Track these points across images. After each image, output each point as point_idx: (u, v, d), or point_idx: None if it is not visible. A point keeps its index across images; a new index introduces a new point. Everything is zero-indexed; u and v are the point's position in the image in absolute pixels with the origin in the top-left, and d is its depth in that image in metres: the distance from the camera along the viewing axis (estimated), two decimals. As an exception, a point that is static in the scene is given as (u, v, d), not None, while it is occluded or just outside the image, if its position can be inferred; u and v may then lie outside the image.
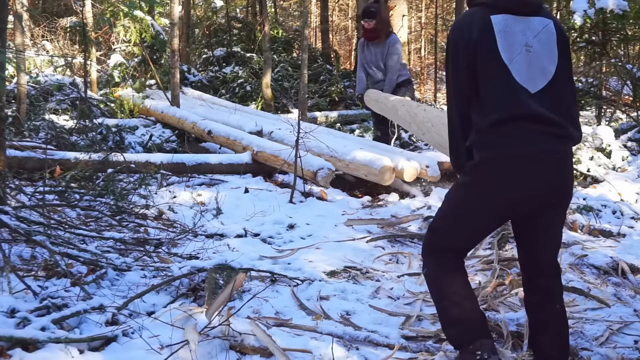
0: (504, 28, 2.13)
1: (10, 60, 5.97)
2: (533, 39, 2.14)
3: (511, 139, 2.09)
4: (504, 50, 2.11)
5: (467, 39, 2.14)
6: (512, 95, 2.09)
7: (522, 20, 2.15)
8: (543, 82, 2.12)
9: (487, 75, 2.12)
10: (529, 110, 2.08)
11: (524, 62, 2.12)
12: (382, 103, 6.11)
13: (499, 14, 2.14)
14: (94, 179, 4.73)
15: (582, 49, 8.20)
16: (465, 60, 2.14)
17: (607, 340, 2.70)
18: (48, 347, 2.32)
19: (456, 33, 2.19)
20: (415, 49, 17.33)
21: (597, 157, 5.69)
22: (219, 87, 10.26)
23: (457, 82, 2.18)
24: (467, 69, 2.14)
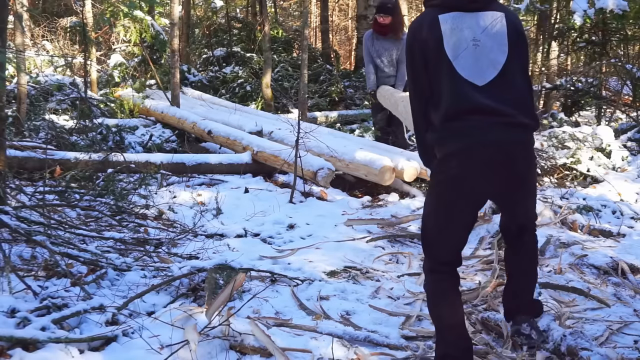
0: (451, 26, 2.21)
1: (10, 60, 5.97)
2: (481, 33, 2.21)
3: (460, 133, 2.19)
4: (449, 47, 2.20)
5: (419, 39, 2.25)
6: (458, 91, 2.18)
7: (471, 16, 2.23)
8: (492, 74, 2.20)
9: (435, 73, 2.22)
10: (474, 104, 2.17)
11: (471, 56, 2.20)
12: (387, 99, 6.12)
13: (446, 13, 2.23)
14: (94, 179, 4.73)
15: (582, 49, 8.20)
16: (420, 60, 2.25)
17: (607, 340, 2.70)
18: (48, 347, 2.32)
19: (410, 34, 2.30)
20: (415, 49, 17.34)
21: (597, 157, 5.69)
22: (219, 87, 10.26)
23: (416, 82, 2.30)
24: (423, 68, 2.24)
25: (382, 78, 6.45)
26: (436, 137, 2.25)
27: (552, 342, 2.57)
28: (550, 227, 4.17)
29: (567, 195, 4.95)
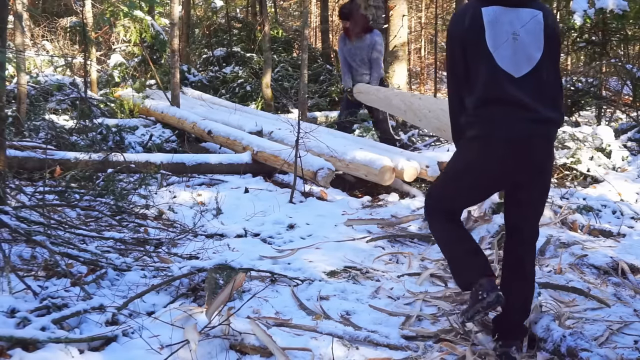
0: (493, 19, 2.35)
1: (10, 60, 5.97)
2: (521, 28, 2.35)
3: (488, 120, 2.36)
4: (490, 38, 2.34)
5: (460, 29, 2.40)
6: (494, 80, 2.34)
7: (512, 11, 2.36)
8: (527, 68, 2.34)
9: (474, 61, 2.38)
10: (507, 94, 2.32)
11: (510, 49, 2.34)
12: (373, 95, 6.28)
13: (489, 6, 2.37)
14: (94, 179, 4.73)
15: (582, 49, 8.20)
16: (459, 48, 2.40)
17: (607, 340, 2.70)
18: (48, 347, 2.32)
19: (452, 23, 2.47)
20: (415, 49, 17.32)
21: (597, 157, 5.69)
22: (219, 87, 10.26)
23: (454, 68, 2.46)
24: (462, 56, 2.40)
25: (356, 77, 6.84)
26: (466, 121, 2.42)
27: (551, 342, 2.58)
28: (550, 227, 4.17)
29: (567, 195, 4.95)
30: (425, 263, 3.82)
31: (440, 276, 3.57)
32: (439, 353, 2.59)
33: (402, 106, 5.60)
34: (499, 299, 2.35)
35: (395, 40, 7.72)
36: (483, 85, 2.35)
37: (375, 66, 6.73)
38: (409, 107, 5.45)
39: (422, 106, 5.21)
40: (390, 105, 5.93)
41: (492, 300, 2.35)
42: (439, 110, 4.71)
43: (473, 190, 2.52)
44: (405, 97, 5.78)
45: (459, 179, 2.50)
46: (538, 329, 2.66)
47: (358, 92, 6.63)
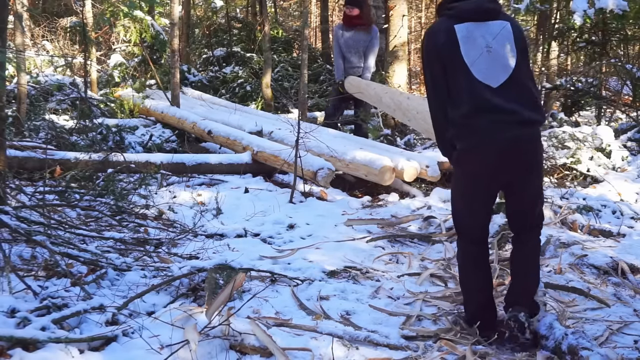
0: (466, 35, 2.52)
1: (10, 60, 5.96)
2: (492, 40, 2.52)
3: (477, 130, 2.50)
4: (466, 54, 2.51)
5: (436, 45, 2.56)
6: (475, 92, 2.49)
7: (482, 25, 2.54)
8: (504, 77, 2.50)
9: (453, 76, 2.53)
10: (489, 104, 2.48)
11: (485, 62, 2.50)
12: (364, 90, 6.30)
13: (461, 23, 2.53)
14: (94, 179, 4.73)
15: (582, 49, 8.20)
16: (438, 64, 2.56)
17: (607, 340, 2.70)
18: (48, 347, 2.32)
19: (428, 41, 2.61)
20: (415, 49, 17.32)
21: (597, 157, 5.69)
22: (219, 87, 10.25)
23: (434, 83, 2.60)
24: (439, 74, 2.56)
25: (349, 69, 6.81)
26: (455, 134, 2.56)
27: (553, 340, 2.58)
28: (550, 227, 4.17)
29: (567, 195, 4.95)
30: (425, 263, 3.82)
31: (440, 276, 3.57)
32: (439, 353, 2.59)
33: (391, 104, 5.62)
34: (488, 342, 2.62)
35: (395, 40, 7.72)
36: (465, 98, 2.50)
37: (371, 60, 6.80)
38: (397, 106, 5.46)
39: (410, 106, 5.22)
40: (381, 102, 5.97)
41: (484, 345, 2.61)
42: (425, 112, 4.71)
43: (479, 199, 2.66)
44: (394, 96, 5.80)
45: (465, 192, 2.68)
46: (541, 326, 2.67)
47: (350, 85, 6.68)
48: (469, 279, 2.74)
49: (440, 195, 5.04)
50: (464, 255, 2.75)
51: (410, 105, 5.22)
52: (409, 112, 5.09)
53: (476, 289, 2.73)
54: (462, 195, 2.69)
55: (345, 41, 6.72)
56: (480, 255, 2.73)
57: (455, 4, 2.58)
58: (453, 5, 2.58)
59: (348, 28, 6.70)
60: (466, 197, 2.67)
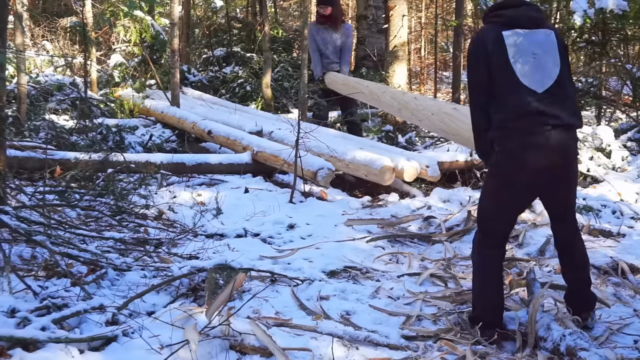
0: (514, 41, 2.62)
1: (10, 60, 5.96)
2: (538, 48, 2.62)
3: (519, 133, 2.59)
4: (513, 59, 2.61)
5: (484, 51, 2.65)
6: (520, 97, 2.59)
7: (529, 33, 2.64)
8: (548, 83, 2.61)
9: (500, 81, 2.62)
10: (533, 108, 2.57)
11: (530, 68, 2.60)
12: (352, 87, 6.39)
13: (508, 30, 2.64)
14: (94, 179, 4.73)
15: (582, 49, 8.18)
16: (483, 69, 2.65)
17: (607, 340, 2.70)
18: (48, 347, 2.32)
19: (475, 46, 2.70)
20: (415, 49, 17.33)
21: (597, 157, 5.69)
22: (219, 87, 10.24)
23: (479, 87, 2.69)
24: (485, 77, 2.64)
25: (326, 64, 7.17)
26: (497, 135, 2.65)
27: (551, 341, 2.58)
28: (550, 227, 4.16)
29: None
30: (425, 263, 3.82)
31: (440, 276, 3.57)
32: (439, 353, 2.59)
33: (394, 104, 5.61)
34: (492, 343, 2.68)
35: (395, 40, 7.73)
36: (510, 102, 2.60)
37: (347, 56, 7.14)
38: (404, 106, 5.45)
39: (421, 107, 5.21)
40: (379, 101, 5.97)
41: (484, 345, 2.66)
42: (443, 114, 4.71)
43: (512, 201, 2.73)
44: (396, 95, 5.80)
45: (498, 193, 2.73)
46: (539, 328, 2.67)
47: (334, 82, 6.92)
48: (483, 278, 2.79)
49: (440, 195, 5.04)
50: (481, 253, 2.80)
51: (420, 105, 5.21)
52: (420, 112, 5.08)
53: (488, 289, 2.78)
54: (495, 195, 2.74)
55: (321, 38, 7.07)
56: (497, 256, 2.79)
57: (503, 11, 2.69)
58: (500, 12, 2.70)
59: (322, 26, 7.08)
60: (499, 198, 2.73)
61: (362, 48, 10.31)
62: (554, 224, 2.85)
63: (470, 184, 5.57)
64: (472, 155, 5.83)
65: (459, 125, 4.37)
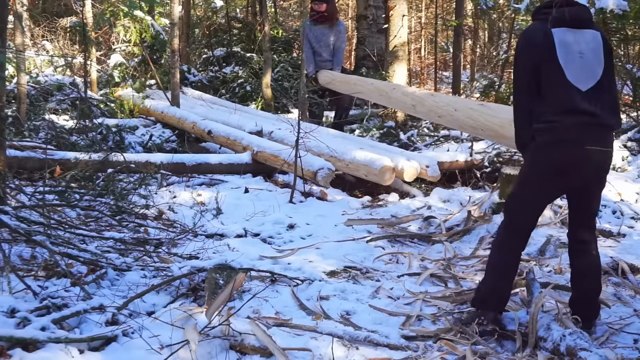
0: (562, 39, 2.69)
1: (10, 60, 5.96)
2: (585, 47, 2.70)
3: (561, 127, 2.65)
4: (561, 57, 2.67)
5: (532, 47, 2.72)
6: (566, 93, 2.66)
7: (576, 32, 2.71)
8: (592, 82, 2.68)
9: (547, 76, 2.68)
10: (578, 106, 2.65)
11: (576, 66, 2.67)
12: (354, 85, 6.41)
13: (558, 28, 2.70)
14: (94, 179, 4.73)
15: (582, 49, 8.15)
16: (531, 64, 2.71)
17: (607, 340, 2.70)
18: (48, 347, 2.32)
19: (525, 42, 2.77)
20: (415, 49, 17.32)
21: (597, 157, 5.67)
22: (219, 87, 10.23)
23: (525, 82, 2.74)
24: (532, 71, 2.70)
25: (319, 62, 7.28)
26: (539, 128, 2.70)
27: (551, 342, 2.58)
28: (550, 227, 4.17)
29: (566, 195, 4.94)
30: (425, 263, 3.82)
31: (440, 276, 3.57)
32: (439, 353, 2.59)
33: (407, 101, 5.60)
34: (492, 332, 2.74)
35: (395, 40, 7.71)
36: (555, 97, 2.67)
37: (339, 54, 7.23)
38: (419, 102, 5.43)
39: (441, 103, 5.18)
40: (389, 98, 5.96)
41: (487, 330, 2.75)
42: (469, 110, 4.69)
43: (543, 192, 2.80)
44: (409, 92, 5.80)
45: (531, 183, 2.79)
46: (539, 327, 2.67)
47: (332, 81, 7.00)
48: (497, 266, 2.85)
49: (440, 195, 5.04)
50: (504, 239, 2.86)
51: (442, 102, 5.22)
52: (440, 109, 5.07)
53: (500, 277, 2.84)
54: (528, 186, 2.81)
55: (315, 36, 7.14)
56: (517, 247, 2.85)
57: (552, 10, 2.76)
58: (550, 10, 2.76)
59: (316, 23, 7.15)
60: (531, 188, 2.80)
61: (362, 48, 10.30)
62: (573, 227, 2.88)
63: (470, 184, 5.57)
64: (472, 155, 5.84)
65: (489, 120, 4.32)
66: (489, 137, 4.54)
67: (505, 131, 3.93)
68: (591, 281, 2.84)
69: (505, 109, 4.44)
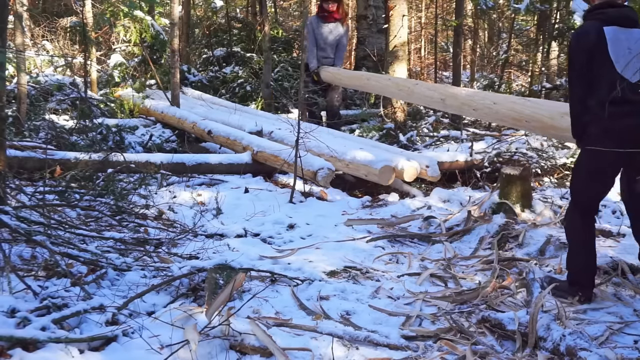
0: (613, 36, 2.98)
1: (11, 60, 5.96)
2: (633, 44, 2.97)
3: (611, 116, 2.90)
4: (612, 52, 2.96)
5: (586, 44, 3.01)
6: (615, 85, 2.86)
7: (626, 30, 3.00)
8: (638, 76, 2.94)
9: (599, 70, 2.97)
10: (627, 96, 2.88)
11: (626, 60, 2.93)
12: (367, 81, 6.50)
13: (609, 26, 2.99)
14: (94, 179, 4.73)
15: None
16: (586, 59, 2.99)
17: (607, 340, 2.70)
18: (48, 347, 2.32)
19: (579, 39, 3.06)
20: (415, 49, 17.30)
21: (597, 157, 5.68)
22: (219, 87, 10.23)
23: (579, 75, 3.03)
24: (587, 66, 2.98)
25: (321, 59, 7.47)
26: (592, 119, 2.99)
27: (551, 341, 2.58)
28: (550, 227, 4.17)
29: (567, 196, 4.94)
30: (425, 263, 3.82)
31: (440, 276, 3.57)
32: (439, 353, 2.59)
33: (434, 95, 5.57)
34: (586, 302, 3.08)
35: (395, 40, 7.70)
36: (607, 89, 2.90)
37: (342, 52, 7.49)
38: (449, 96, 5.38)
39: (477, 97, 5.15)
40: (412, 93, 5.94)
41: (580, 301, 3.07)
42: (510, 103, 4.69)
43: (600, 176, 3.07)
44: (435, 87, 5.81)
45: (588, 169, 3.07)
46: (538, 327, 2.67)
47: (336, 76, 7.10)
48: (576, 243, 3.17)
49: (440, 195, 5.04)
50: (574, 221, 3.18)
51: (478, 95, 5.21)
52: (476, 102, 5.05)
53: (578, 252, 3.14)
54: (585, 171, 3.10)
55: (320, 33, 7.31)
56: (588, 223, 3.17)
57: (605, 10, 3.05)
58: (603, 11, 3.05)
59: (324, 21, 7.31)
60: (588, 173, 3.09)
61: (362, 48, 10.30)
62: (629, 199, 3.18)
63: (470, 184, 5.57)
64: (472, 155, 5.84)
65: (536, 112, 4.30)
66: (533, 128, 4.53)
67: (555, 122, 4.03)
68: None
69: (548, 102, 4.55)
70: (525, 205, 4.31)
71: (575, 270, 3.17)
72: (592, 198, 3.18)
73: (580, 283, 3.13)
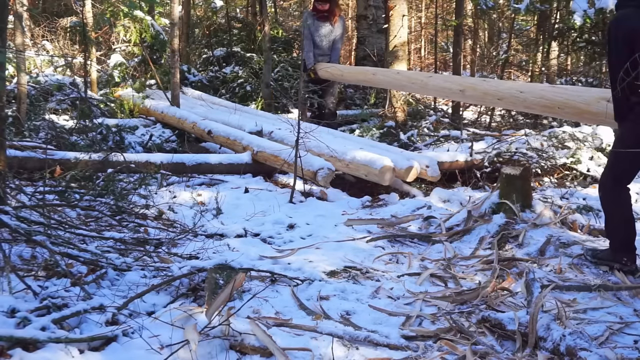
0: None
1: (10, 60, 5.97)
2: None
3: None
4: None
5: (625, 31, 3.20)
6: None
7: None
8: None
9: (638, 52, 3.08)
10: None
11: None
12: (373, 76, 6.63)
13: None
14: (94, 179, 4.73)
15: (582, 49, 8.19)
16: (626, 45, 3.17)
17: (607, 340, 2.70)
18: (48, 347, 2.32)
19: (618, 26, 3.26)
20: (415, 49, 17.31)
21: (597, 157, 5.69)
22: (219, 87, 10.23)
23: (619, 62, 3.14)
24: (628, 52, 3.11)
25: (317, 55, 7.61)
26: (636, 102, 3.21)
27: (551, 341, 2.58)
28: (550, 227, 4.17)
29: (567, 195, 4.95)
30: (425, 263, 3.82)
31: (440, 276, 3.57)
32: (439, 353, 2.59)
33: (452, 87, 5.58)
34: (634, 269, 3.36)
35: (395, 40, 7.71)
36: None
37: (338, 49, 7.62)
38: (469, 87, 5.38)
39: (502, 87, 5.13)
40: (426, 85, 5.94)
41: (627, 269, 3.37)
42: (539, 91, 4.69)
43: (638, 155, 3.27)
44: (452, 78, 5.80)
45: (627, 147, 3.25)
46: (538, 327, 2.67)
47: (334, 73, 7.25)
48: (617, 213, 3.41)
49: (440, 195, 5.04)
50: (614, 193, 3.42)
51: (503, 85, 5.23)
52: (500, 92, 5.04)
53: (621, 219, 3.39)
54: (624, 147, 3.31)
55: (317, 29, 7.49)
56: (627, 194, 3.43)
57: None
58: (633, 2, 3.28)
59: (319, 20, 7.50)
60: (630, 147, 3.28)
61: (362, 48, 10.30)
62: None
63: (470, 184, 5.57)
64: (472, 155, 5.84)
65: (570, 98, 4.31)
66: (566, 115, 4.54)
67: (592, 108, 4.13)
68: None
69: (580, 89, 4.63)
70: (525, 205, 4.31)
71: (617, 238, 3.40)
72: (628, 170, 3.42)
73: (623, 249, 3.36)
